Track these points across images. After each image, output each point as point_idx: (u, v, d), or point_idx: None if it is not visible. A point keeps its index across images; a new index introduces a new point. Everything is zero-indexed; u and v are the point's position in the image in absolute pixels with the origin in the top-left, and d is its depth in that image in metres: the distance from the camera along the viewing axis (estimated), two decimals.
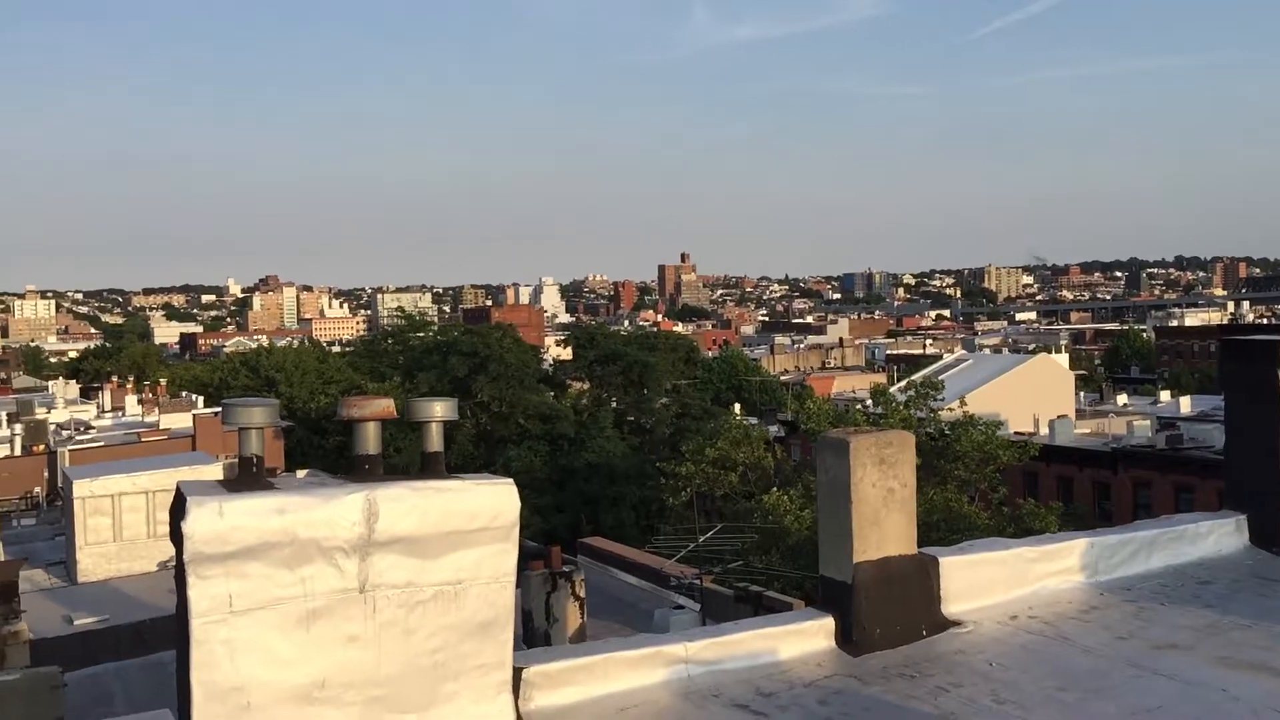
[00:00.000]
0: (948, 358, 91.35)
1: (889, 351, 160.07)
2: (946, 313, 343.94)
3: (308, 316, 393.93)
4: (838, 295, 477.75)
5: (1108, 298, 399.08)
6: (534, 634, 17.82)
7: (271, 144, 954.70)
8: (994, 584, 7.48)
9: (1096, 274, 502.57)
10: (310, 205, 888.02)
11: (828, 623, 6.82)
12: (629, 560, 25.10)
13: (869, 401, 42.73)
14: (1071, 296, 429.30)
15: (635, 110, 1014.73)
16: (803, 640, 6.74)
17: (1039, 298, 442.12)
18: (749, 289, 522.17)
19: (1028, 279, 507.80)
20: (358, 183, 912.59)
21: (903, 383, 48.26)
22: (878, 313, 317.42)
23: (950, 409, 40.07)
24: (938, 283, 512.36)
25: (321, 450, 62.10)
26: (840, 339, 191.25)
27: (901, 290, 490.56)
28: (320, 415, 65.12)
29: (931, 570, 7.12)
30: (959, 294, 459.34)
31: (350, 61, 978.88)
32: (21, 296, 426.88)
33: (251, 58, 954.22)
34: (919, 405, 38.48)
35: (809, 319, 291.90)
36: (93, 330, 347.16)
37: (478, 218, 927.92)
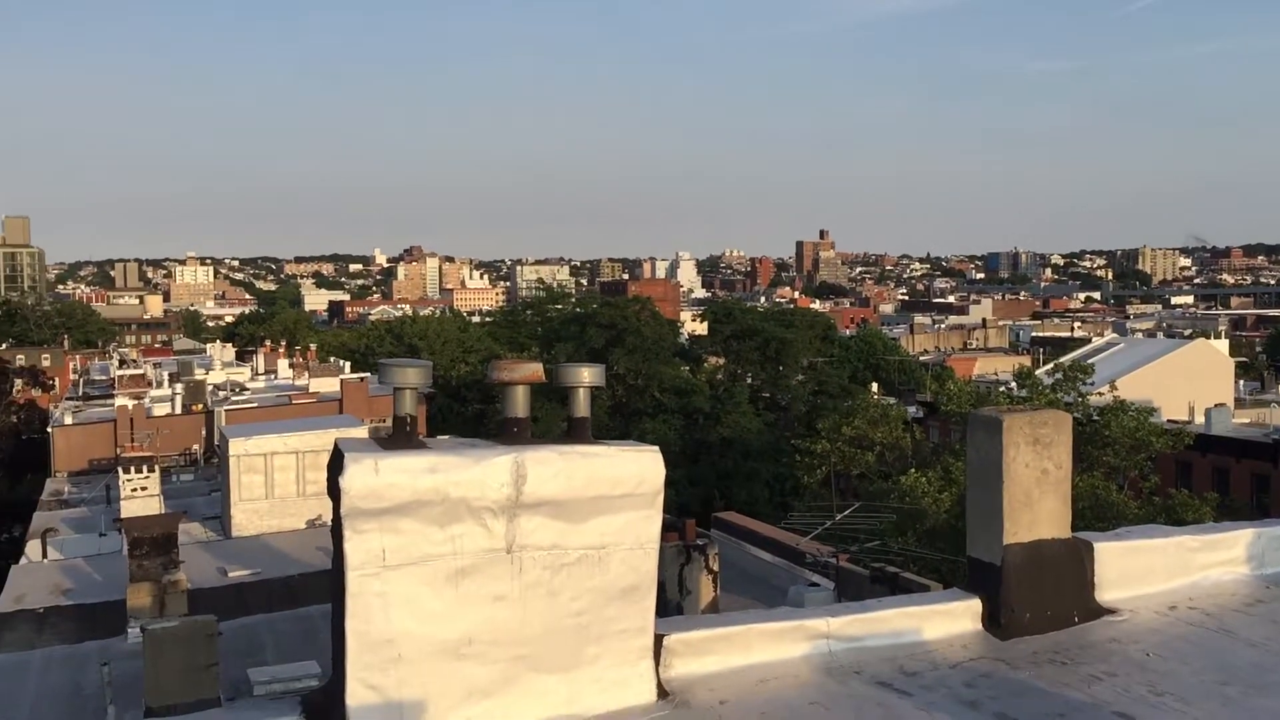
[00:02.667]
0: (1097, 341, 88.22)
1: (1034, 334, 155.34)
2: (1096, 295, 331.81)
3: (449, 287, 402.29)
4: (981, 275, 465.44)
5: (1272, 282, 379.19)
6: (666, 606, 17.91)
7: (417, 119, 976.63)
8: (1152, 572, 7.19)
9: (1260, 257, 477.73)
10: (454, 178, 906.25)
11: (974, 604, 6.65)
12: (763, 536, 24.97)
13: (1013, 384, 41.57)
14: (1232, 280, 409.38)
15: (776, 85, 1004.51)
16: (948, 621, 6.59)
17: (1197, 281, 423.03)
18: (889, 267, 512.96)
19: (1185, 261, 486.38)
20: (500, 157, 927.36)
21: (1049, 365, 46.80)
22: (1023, 293, 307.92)
23: (1100, 394, 38.72)
24: (1088, 264, 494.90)
25: (461, 417, 63.55)
26: (983, 320, 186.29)
27: (1049, 271, 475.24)
28: (460, 383, 66.61)
29: (1086, 555, 6.88)
30: (1110, 276, 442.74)
31: (494, 38, 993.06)
32: (183, 263, 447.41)
33: (401, 34, 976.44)
34: (1067, 389, 37.25)
35: (950, 299, 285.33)
36: (247, 296, 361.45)
37: (616, 192, 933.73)
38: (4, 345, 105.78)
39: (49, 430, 51.96)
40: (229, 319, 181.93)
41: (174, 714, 12.86)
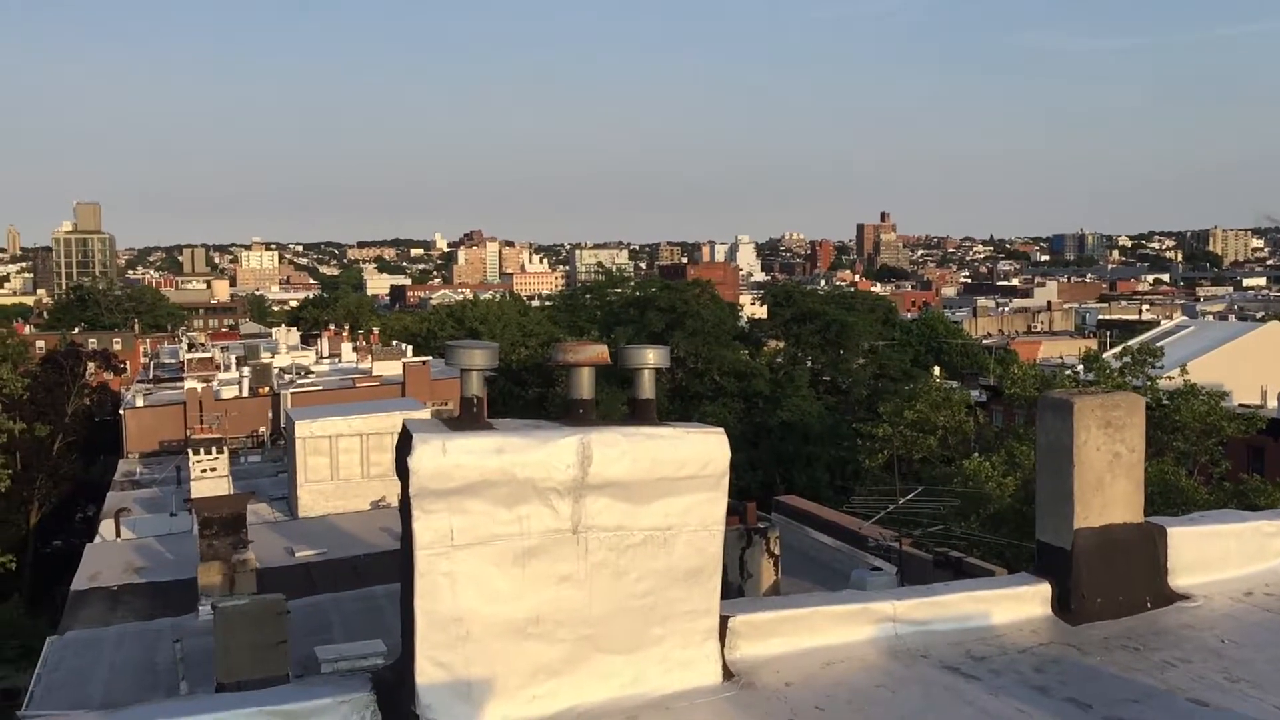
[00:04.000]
0: (1166, 324, 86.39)
1: (1101, 316, 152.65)
2: (1165, 277, 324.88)
3: (509, 271, 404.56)
4: (1046, 257, 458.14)
5: None
6: (728, 589, 17.87)
7: (478, 104, 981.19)
8: (1227, 558, 7.05)
9: None
10: (513, 163, 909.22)
11: (1043, 589, 6.57)
12: (824, 520, 24.89)
13: (1080, 367, 40.90)
14: None
15: (836, 65, 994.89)
16: (1016, 605, 6.52)
17: (1269, 262, 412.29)
18: (951, 250, 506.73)
19: (1257, 242, 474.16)
20: (559, 141, 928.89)
21: (1117, 349, 45.97)
22: (1089, 276, 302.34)
23: (1169, 377, 37.95)
24: (1156, 245, 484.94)
25: (521, 400, 63.95)
26: (1048, 302, 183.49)
27: (1116, 252, 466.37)
28: (520, 366, 66.99)
29: (1159, 540, 6.76)
30: (1179, 257, 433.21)
31: (554, 23, 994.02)
32: (248, 248, 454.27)
33: (462, 19, 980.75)
34: (1135, 373, 36.57)
35: (1014, 281, 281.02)
36: (311, 280, 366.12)
37: (675, 176, 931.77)
38: (77, 329, 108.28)
39: (121, 412, 53.16)
40: (293, 303, 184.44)
41: (244, 690, 13.12)
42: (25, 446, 46.32)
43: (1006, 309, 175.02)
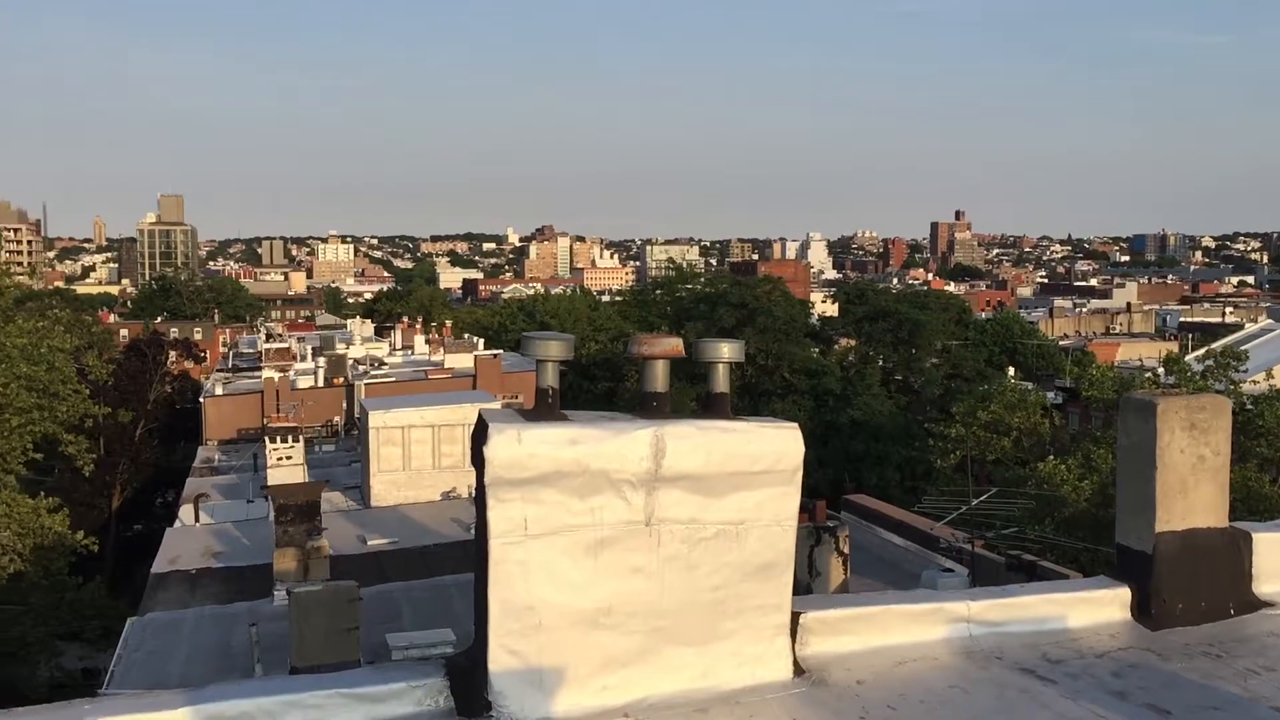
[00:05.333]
0: (1251, 327, 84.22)
1: (1182, 319, 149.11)
2: (1250, 279, 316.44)
3: (580, 266, 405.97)
4: (1126, 257, 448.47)
5: None
6: (796, 587, 17.78)
7: (550, 101, 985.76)
8: None
9: None
10: (585, 159, 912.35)
11: (1123, 593, 6.45)
12: (894, 519, 24.62)
13: (1160, 370, 40.04)
14: None
15: (911, 61, 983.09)
16: (1094, 609, 6.40)
17: None
18: (1027, 249, 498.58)
19: None
20: (631, 137, 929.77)
21: (1199, 351, 44.92)
22: (1170, 277, 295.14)
23: (1254, 382, 37.01)
24: (1241, 246, 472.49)
25: (590, 394, 64.14)
26: (1127, 304, 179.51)
27: (1199, 254, 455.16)
28: (590, 361, 67.21)
29: (1244, 545, 6.60)
30: (1266, 259, 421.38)
31: (625, 21, 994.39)
32: (325, 241, 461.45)
33: (532, 18, 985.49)
34: (1218, 376, 35.71)
35: (1093, 282, 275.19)
36: (385, 273, 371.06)
37: (746, 172, 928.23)
38: (159, 318, 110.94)
39: (201, 400, 54.36)
40: (368, 295, 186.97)
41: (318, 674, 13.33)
42: (109, 432, 47.57)
43: (1084, 310, 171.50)
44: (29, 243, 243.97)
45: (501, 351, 65.41)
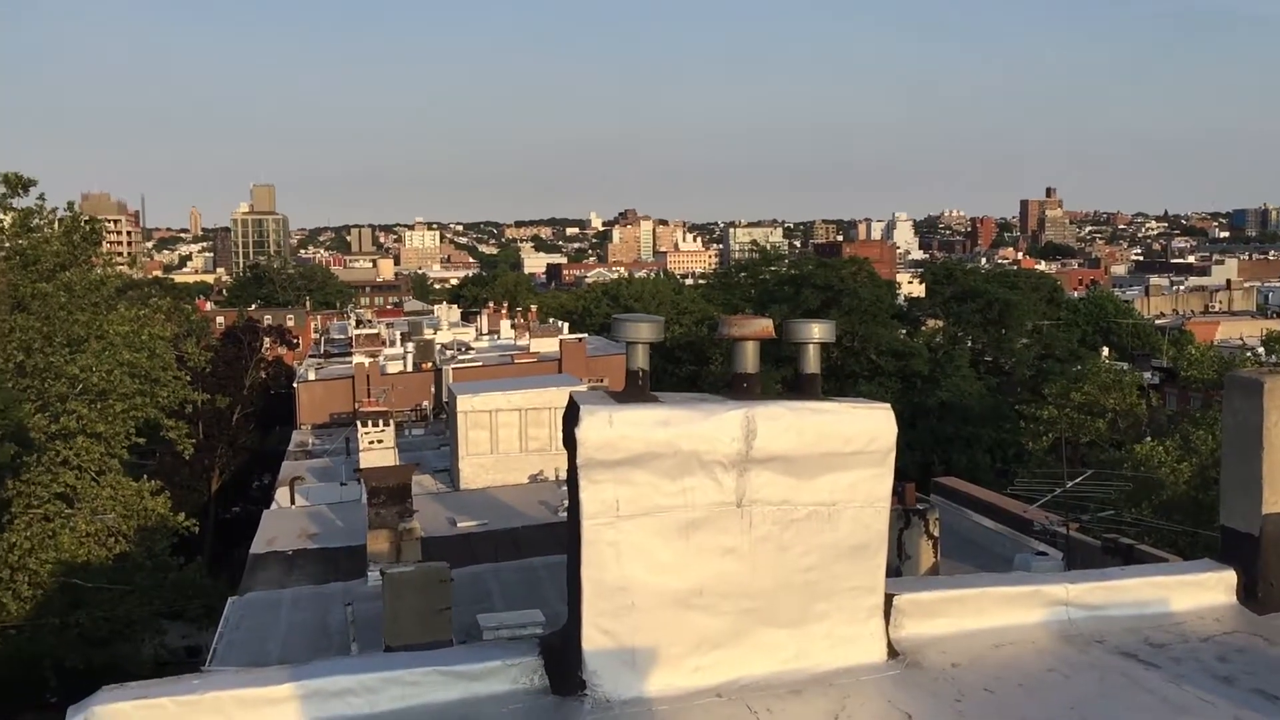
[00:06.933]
0: None
1: None
2: None
3: (663, 249, 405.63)
4: (1225, 233, 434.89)
5: None
6: (886, 569, 17.66)
7: (632, 84, 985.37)
8: None
9: None
10: (668, 142, 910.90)
11: (1228, 576, 6.28)
12: (984, 502, 24.25)
13: (1261, 349, 38.84)
14: None
15: (996, 36, 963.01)
16: (1198, 593, 6.25)
17: None
18: (1122, 226, 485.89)
19: None
20: (713, 120, 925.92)
21: None
22: (1272, 253, 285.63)
23: None
24: None
25: (675, 378, 64.14)
26: (1227, 281, 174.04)
27: None
28: (674, 344, 67.19)
29: None
30: None
31: (703, 4, 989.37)
32: (411, 228, 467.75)
33: (610, 3, 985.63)
34: None
35: (1190, 259, 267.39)
36: (470, 259, 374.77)
37: (830, 153, 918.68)
38: (253, 306, 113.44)
39: (294, 385, 55.51)
40: (454, 281, 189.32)
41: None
42: (207, 417, 48.84)
43: (1181, 288, 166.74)
44: (129, 233, 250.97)
45: (586, 335, 65.68)
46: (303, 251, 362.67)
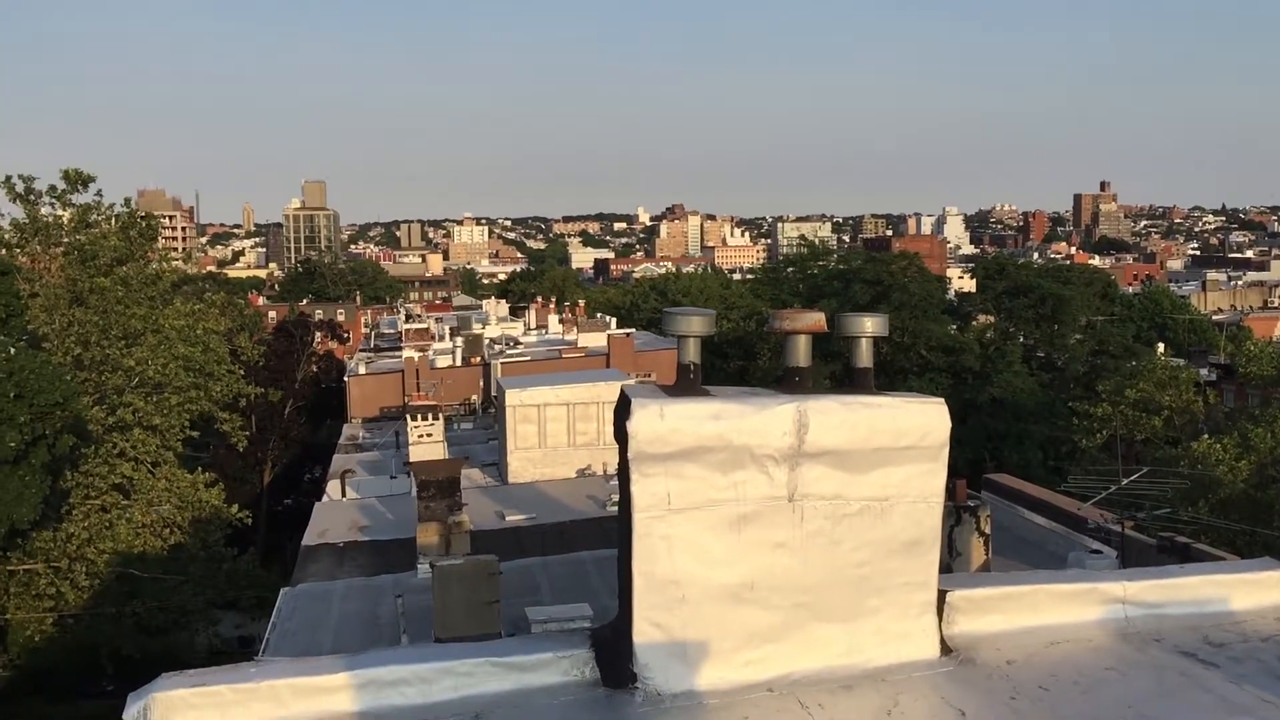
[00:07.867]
0: None
1: None
2: None
3: (710, 244, 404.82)
4: None
5: None
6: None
7: (678, 79, 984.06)
8: None
9: None
10: (715, 137, 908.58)
11: None
12: (1037, 499, 23.96)
13: None
14: None
15: (1047, 27, 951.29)
16: (1258, 591, 6.14)
17: None
18: (1178, 220, 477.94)
19: None
20: (762, 114, 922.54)
21: None
22: None
23: None
24: None
25: (723, 373, 64.03)
26: None
27: None
28: (722, 339, 67.06)
29: None
30: None
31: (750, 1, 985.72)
32: (460, 223, 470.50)
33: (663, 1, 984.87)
34: None
35: (1248, 254, 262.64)
36: (518, 254, 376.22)
37: (879, 147, 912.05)
38: (305, 301, 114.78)
39: (345, 379, 56.09)
40: (502, 276, 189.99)
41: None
42: (260, 410, 49.46)
43: (1239, 283, 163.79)
44: (183, 229, 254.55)
45: (634, 330, 65.72)
46: (353, 247, 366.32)
